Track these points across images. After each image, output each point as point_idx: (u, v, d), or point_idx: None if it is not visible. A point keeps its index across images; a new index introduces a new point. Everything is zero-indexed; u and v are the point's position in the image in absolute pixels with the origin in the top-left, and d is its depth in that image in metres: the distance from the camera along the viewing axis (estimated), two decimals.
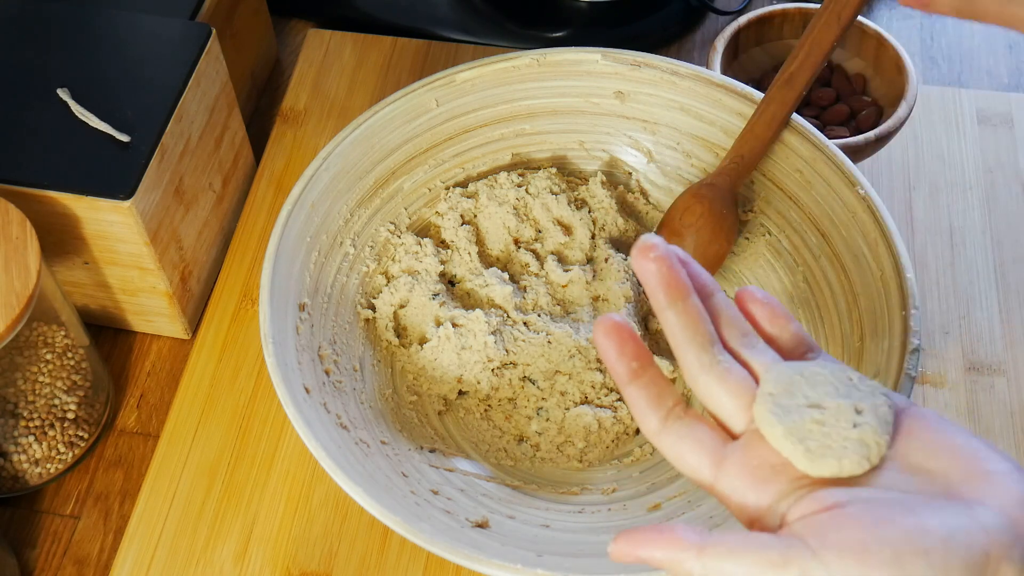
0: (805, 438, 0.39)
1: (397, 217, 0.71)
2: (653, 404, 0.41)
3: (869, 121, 0.75)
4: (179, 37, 0.69)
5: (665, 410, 0.41)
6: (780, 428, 0.39)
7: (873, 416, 0.39)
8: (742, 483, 0.39)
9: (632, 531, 0.39)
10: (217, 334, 0.71)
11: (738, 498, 0.40)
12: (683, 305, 0.40)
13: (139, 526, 0.64)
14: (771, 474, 0.39)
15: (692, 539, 0.38)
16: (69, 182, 0.62)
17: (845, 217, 0.65)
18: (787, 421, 0.39)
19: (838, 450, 0.38)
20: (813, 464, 0.39)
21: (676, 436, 0.41)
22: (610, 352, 0.40)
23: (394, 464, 0.60)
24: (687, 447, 0.40)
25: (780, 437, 0.39)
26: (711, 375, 0.41)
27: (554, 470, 0.65)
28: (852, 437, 0.39)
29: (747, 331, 0.42)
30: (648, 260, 0.40)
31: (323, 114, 0.82)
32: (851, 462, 0.38)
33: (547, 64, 0.71)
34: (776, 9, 0.79)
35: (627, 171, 0.74)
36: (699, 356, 0.40)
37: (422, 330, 0.68)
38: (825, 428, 0.39)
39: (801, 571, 0.36)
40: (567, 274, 0.69)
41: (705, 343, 0.40)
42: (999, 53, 0.87)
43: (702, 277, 0.42)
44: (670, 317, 0.40)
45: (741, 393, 0.41)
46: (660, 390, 0.41)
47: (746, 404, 0.41)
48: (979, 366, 0.70)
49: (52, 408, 0.65)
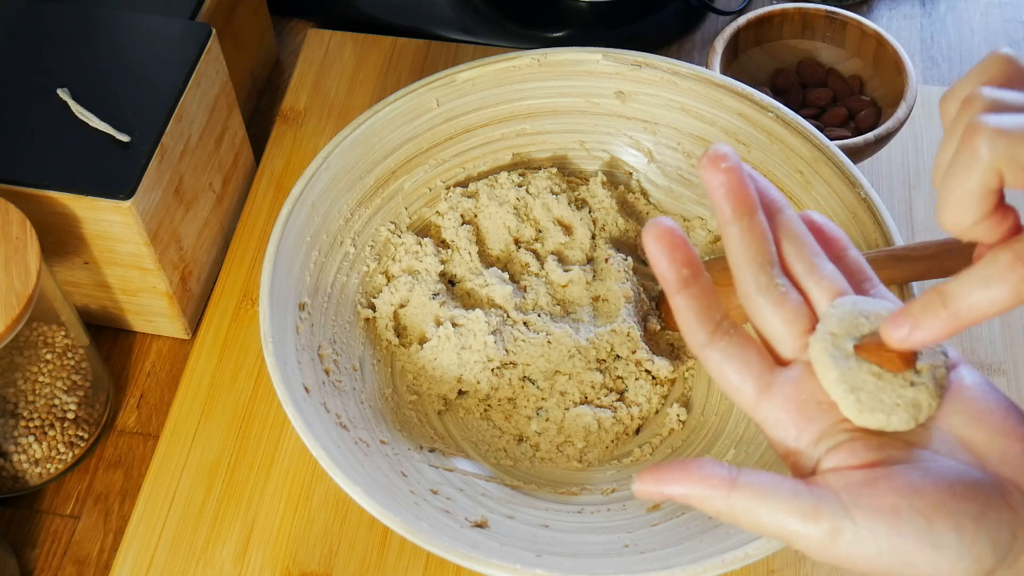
0: (858, 387, 0.38)
1: (397, 217, 0.71)
2: (702, 316, 0.39)
3: (868, 122, 0.75)
4: (179, 37, 0.69)
5: (714, 324, 0.39)
6: (835, 372, 0.38)
7: (930, 376, 0.38)
8: (786, 415, 0.39)
9: (657, 466, 0.38)
10: (217, 334, 0.71)
11: (779, 430, 0.39)
12: (748, 221, 0.38)
13: (139, 526, 0.64)
14: (817, 412, 0.38)
15: (722, 475, 0.37)
16: (69, 182, 0.62)
17: (846, 218, 0.65)
18: (843, 365, 0.38)
19: (889, 406, 0.38)
20: (861, 415, 0.38)
21: (723, 353, 0.39)
22: (660, 257, 0.38)
23: (394, 464, 0.60)
24: (734, 367, 0.39)
25: (833, 382, 0.38)
26: (767, 297, 0.39)
27: (554, 470, 0.65)
28: (907, 395, 0.38)
29: (815, 252, 0.40)
30: (717, 170, 0.38)
31: (323, 114, 0.82)
32: (899, 419, 0.38)
33: (548, 64, 0.71)
34: (776, 9, 0.79)
35: (628, 171, 0.74)
36: (757, 276, 0.39)
37: (422, 330, 0.68)
38: (881, 381, 0.38)
39: (832, 526, 0.36)
40: (567, 274, 0.69)
41: (765, 263, 0.39)
42: None
43: (771, 193, 0.40)
44: (733, 232, 0.39)
45: (796, 320, 0.39)
46: (710, 301, 0.39)
47: (799, 332, 0.39)
48: (979, 366, 0.70)
49: (52, 408, 0.65)
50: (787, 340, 0.40)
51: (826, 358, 0.38)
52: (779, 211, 0.40)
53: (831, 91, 0.78)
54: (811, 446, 0.38)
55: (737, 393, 0.39)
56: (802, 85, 0.79)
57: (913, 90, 0.74)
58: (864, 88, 0.79)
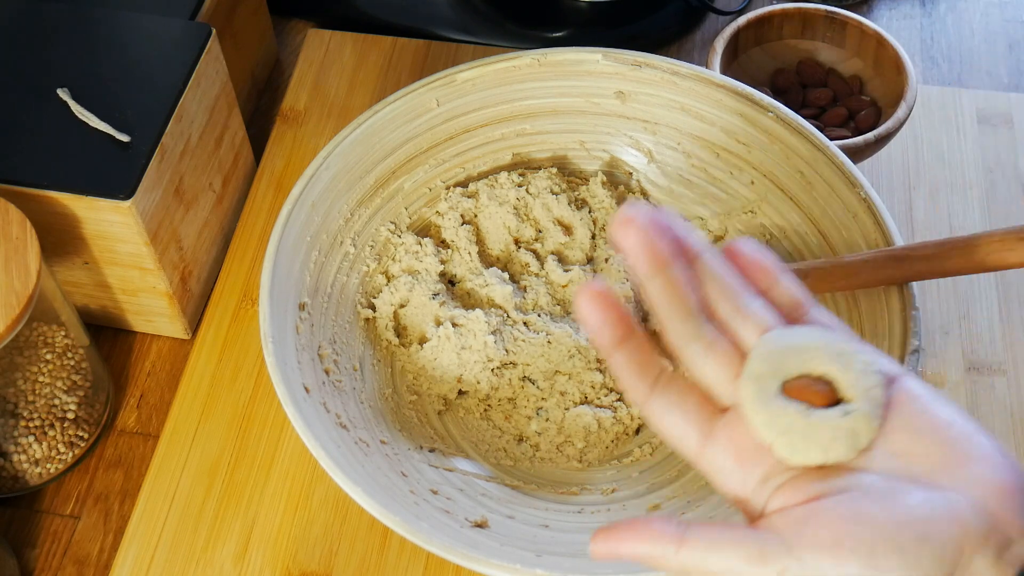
0: (788, 430, 0.37)
1: (397, 217, 0.71)
2: (640, 371, 0.39)
3: (868, 122, 0.75)
4: (179, 37, 0.69)
5: (652, 378, 0.39)
6: (761, 416, 0.37)
7: (865, 400, 0.37)
8: (729, 462, 0.39)
9: (608, 528, 0.39)
10: (217, 334, 0.71)
11: (724, 478, 0.39)
12: (665, 276, 0.39)
13: (139, 526, 0.64)
14: (757, 455, 0.38)
15: (670, 532, 0.37)
16: (69, 182, 0.62)
17: (846, 218, 0.65)
18: (771, 407, 0.37)
19: (824, 441, 0.37)
20: (795, 456, 0.37)
21: (664, 406, 0.39)
22: (593, 319, 0.39)
23: (393, 464, 0.60)
24: (675, 418, 0.39)
25: (762, 426, 0.37)
26: (696, 346, 0.39)
27: (554, 470, 0.65)
28: (842, 425, 0.37)
29: (739, 292, 0.40)
30: (627, 233, 0.39)
31: (323, 114, 0.82)
32: (838, 452, 0.37)
33: (548, 64, 0.71)
34: (776, 9, 0.79)
35: (628, 171, 0.74)
36: (683, 327, 0.39)
37: (422, 330, 0.68)
38: (812, 419, 0.37)
39: (778, 568, 0.36)
40: (567, 274, 0.69)
41: (688, 314, 0.39)
42: (999, 53, 0.87)
43: (688, 238, 0.40)
44: (652, 288, 0.39)
45: (728, 364, 0.39)
46: (647, 357, 0.39)
47: (732, 376, 0.39)
48: (979, 366, 0.70)
49: (52, 408, 0.65)
50: (723, 386, 0.39)
51: (751, 401, 0.38)
52: (698, 255, 0.40)
53: (831, 91, 0.78)
54: (757, 490, 0.38)
55: (680, 444, 0.40)
56: (802, 85, 0.79)
57: (913, 90, 0.74)
58: (864, 88, 0.79)
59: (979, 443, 0.37)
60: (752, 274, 0.41)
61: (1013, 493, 0.36)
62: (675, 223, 0.40)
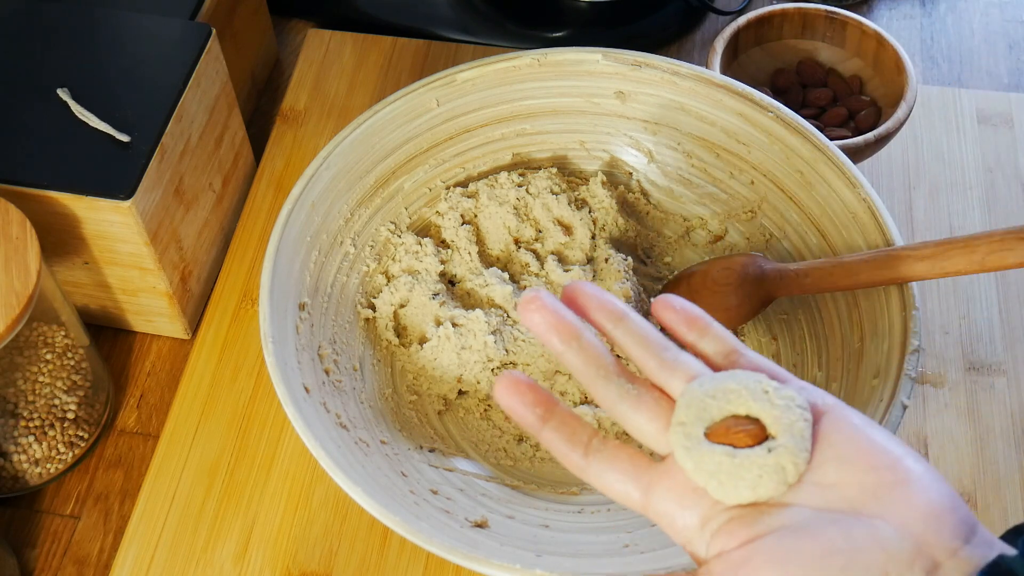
0: (716, 471, 0.38)
1: (397, 217, 0.71)
2: (570, 442, 0.41)
3: (868, 122, 0.75)
4: (179, 37, 0.69)
5: (583, 446, 0.41)
6: (691, 461, 0.39)
7: (789, 436, 0.38)
8: (671, 508, 0.40)
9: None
10: (217, 334, 0.71)
11: (669, 523, 0.40)
12: (577, 344, 0.41)
13: (139, 526, 0.64)
14: (694, 499, 0.39)
15: None
16: (69, 182, 0.62)
17: (845, 218, 0.65)
18: (697, 453, 0.39)
19: (752, 479, 0.38)
20: (727, 495, 0.38)
21: (600, 468, 0.41)
22: (515, 407, 0.41)
23: (393, 464, 0.60)
24: (613, 477, 0.41)
25: (693, 471, 0.39)
26: (624, 405, 0.41)
27: (553, 470, 0.65)
28: (768, 463, 0.38)
29: (664, 347, 0.42)
30: (533, 314, 0.41)
31: (323, 114, 0.82)
32: (766, 488, 0.38)
33: (548, 64, 0.71)
34: (776, 9, 0.79)
35: (628, 171, 0.74)
36: (606, 389, 0.41)
37: (422, 330, 0.68)
38: (737, 459, 0.38)
39: None
40: (567, 274, 0.69)
41: (609, 376, 0.41)
42: (999, 53, 0.87)
43: (608, 305, 0.42)
44: (569, 359, 0.41)
45: (657, 416, 0.41)
46: (574, 428, 0.41)
47: (663, 427, 0.41)
48: (979, 366, 0.70)
49: (52, 408, 0.65)
50: (655, 436, 0.41)
51: (679, 449, 0.39)
52: (621, 319, 0.42)
53: (831, 91, 0.78)
54: (698, 533, 0.39)
55: (626, 500, 0.41)
56: (802, 85, 0.79)
57: (913, 90, 0.74)
58: (864, 88, 0.79)
59: (908, 467, 0.38)
60: (686, 324, 0.42)
61: (940, 515, 0.37)
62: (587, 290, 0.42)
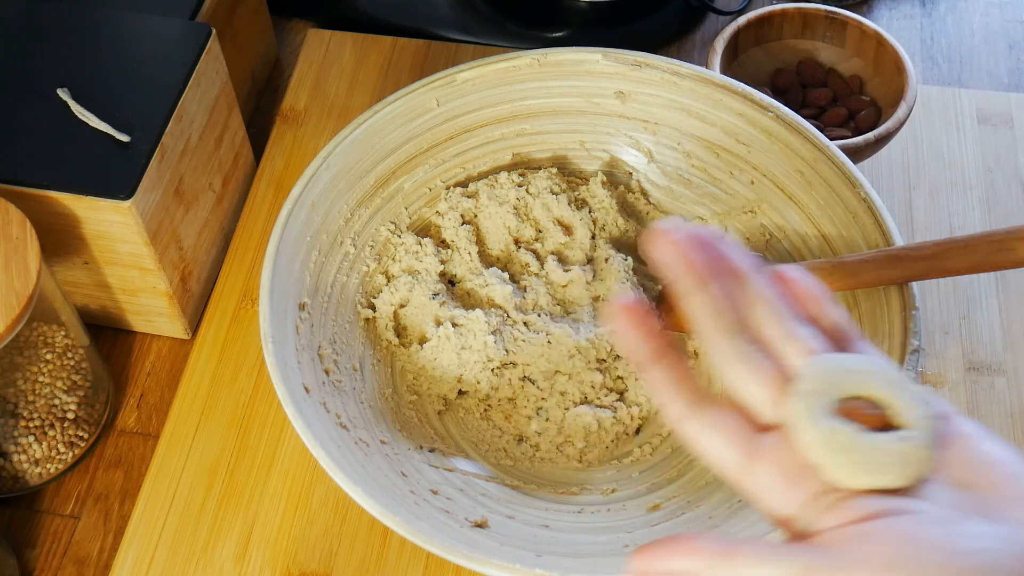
0: (843, 449, 0.36)
1: (397, 217, 0.71)
2: (677, 388, 0.38)
3: (868, 122, 0.75)
4: (179, 37, 0.69)
5: (689, 395, 0.38)
6: (815, 434, 0.36)
7: (922, 429, 0.36)
8: (774, 482, 0.37)
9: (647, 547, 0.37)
10: (217, 334, 0.71)
11: (769, 498, 0.37)
12: (705, 292, 0.38)
13: (139, 526, 0.64)
14: (805, 475, 0.37)
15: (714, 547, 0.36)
16: (69, 182, 0.62)
17: (846, 218, 0.65)
18: (823, 426, 0.36)
19: (877, 464, 0.35)
20: (850, 478, 0.36)
21: (703, 424, 0.38)
22: (628, 334, 0.38)
23: (393, 464, 0.60)
24: (716, 438, 0.38)
25: (814, 444, 0.36)
26: (740, 365, 0.38)
27: (554, 470, 0.65)
28: (898, 450, 0.35)
29: (787, 315, 0.39)
30: (662, 248, 0.38)
31: (323, 114, 0.82)
32: (893, 476, 0.35)
33: (548, 64, 0.71)
34: (776, 9, 0.79)
35: (628, 171, 0.74)
36: (726, 345, 0.38)
37: (422, 330, 0.68)
38: (866, 440, 0.36)
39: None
40: (567, 274, 0.69)
41: (731, 331, 0.38)
42: (999, 53, 0.87)
43: (736, 258, 0.39)
44: (693, 304, 0.38)
45: (772, 384, 0.38)
46: (684, 373, 0.38)
47: (778, 395, 0.38)
48: (979, 366, 0.70)
49: (52, 408, 0.65)
50: (767, 405, 0.38)
51: (804, 421, 0.36)
52: (745, 276, 0.39)
53: (831, 91, 0.78)
54: (804, 509, 0.37)
55: (720, 463, 0.38)
56: (802, 85, 0.79)
57: (913, 90, 0.74)
58: (864, 88, 0.79)
59: None
60: (800, 300, 0.40)
61: None
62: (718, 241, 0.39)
